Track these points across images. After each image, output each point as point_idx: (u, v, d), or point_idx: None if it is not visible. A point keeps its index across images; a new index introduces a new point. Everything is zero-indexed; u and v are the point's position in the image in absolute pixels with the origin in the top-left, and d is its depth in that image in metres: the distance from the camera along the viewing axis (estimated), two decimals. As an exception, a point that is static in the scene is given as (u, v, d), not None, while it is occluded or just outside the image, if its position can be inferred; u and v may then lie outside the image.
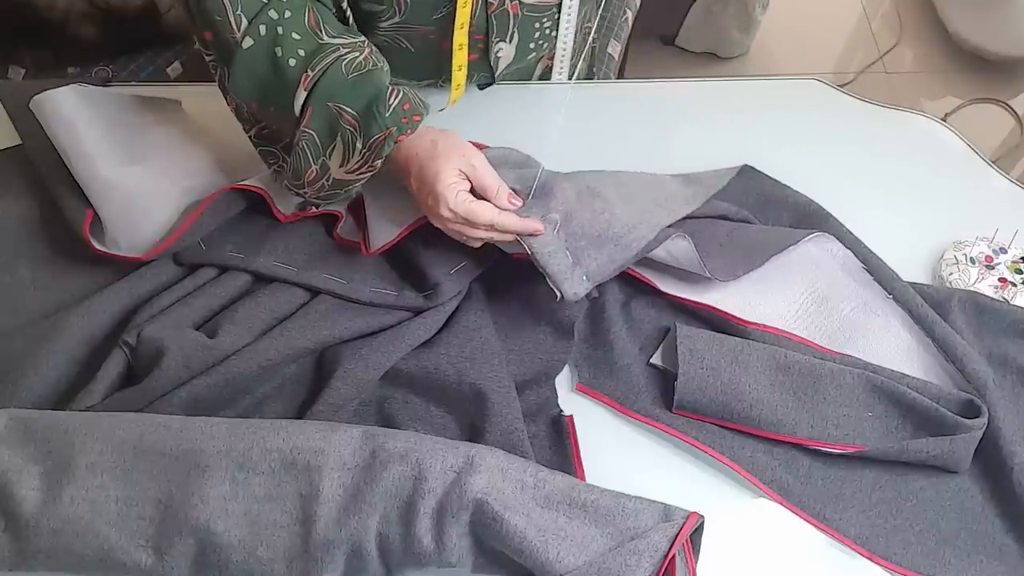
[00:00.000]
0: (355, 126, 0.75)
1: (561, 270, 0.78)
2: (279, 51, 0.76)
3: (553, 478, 0.68)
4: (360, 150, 0.76)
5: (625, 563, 0.63)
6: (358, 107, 0.75)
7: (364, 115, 0.75)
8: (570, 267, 0.79)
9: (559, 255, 0.79)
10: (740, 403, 0.78)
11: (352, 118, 0.75)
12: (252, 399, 0.78)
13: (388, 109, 0.75)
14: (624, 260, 0.81)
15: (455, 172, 0.76)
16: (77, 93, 0.87)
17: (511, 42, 0.94)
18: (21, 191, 0.90)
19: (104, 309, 0.80)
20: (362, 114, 0.75)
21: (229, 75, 0.78)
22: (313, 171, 0.79)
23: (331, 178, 0.79)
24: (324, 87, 0.75)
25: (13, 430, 0.67)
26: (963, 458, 0.78)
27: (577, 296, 0.78)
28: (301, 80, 0.75)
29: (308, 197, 0.83)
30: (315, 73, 0.75)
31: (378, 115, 0.75)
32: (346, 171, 0.78)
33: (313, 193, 0.81)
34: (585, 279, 0.79)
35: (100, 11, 1.37)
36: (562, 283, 0.78)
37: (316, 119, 0.76)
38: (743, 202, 0.95)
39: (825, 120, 1.07)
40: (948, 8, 2.24)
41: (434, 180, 0.76)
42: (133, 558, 0.64)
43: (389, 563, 0.66)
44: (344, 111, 0.75)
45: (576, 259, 0.79)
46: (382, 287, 0.83)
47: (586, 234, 0.80)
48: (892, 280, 0.88)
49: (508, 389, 0.78)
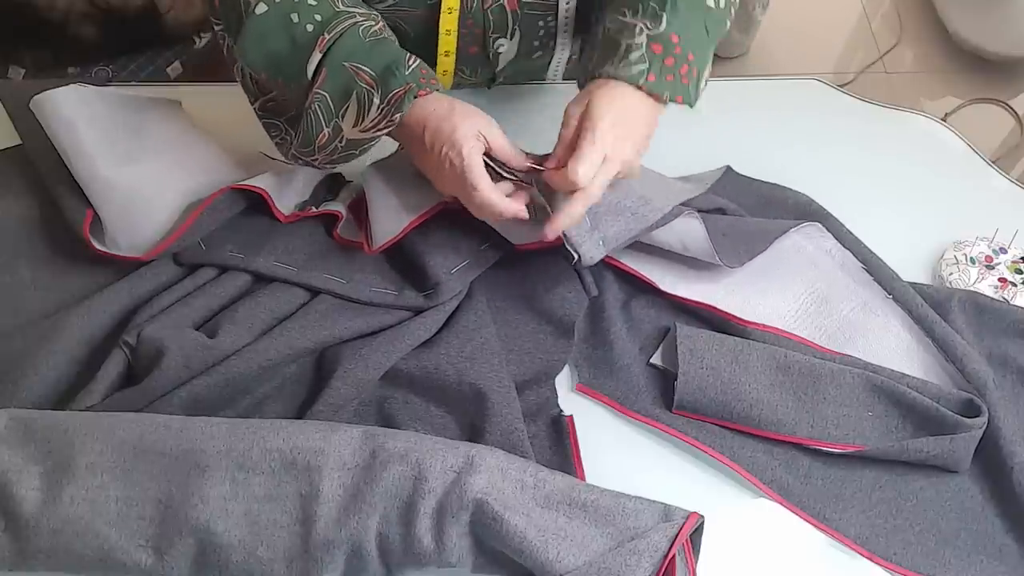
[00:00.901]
0: (372, 84, 0.75)
1: (580, 232, 0.79)
2: (295, 16, 0.76)
3: (553, 478, 0.68)
4: (378, 105, 0.76)
5: (625, 563, 0.63)
6: (376, 67, 0.75)
7: (383, 73, 0.75)
8: (588, 230, 0.79)
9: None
10: (740, 403, 0.78)
11: (369, 77, 0.75)
12: (252, 399, 0.78)
13: (408, 68, 0.76)
14: (639, 229, 0.81)
15: (474, 130, 0.76)
16: (77, 93, 0.87)
17: (512, 39, 0.94)
18: (21, 191, 0.90)
19: (104, 309, 0.80)
20: (380, 73, 0.75)
21: (237, 42, 0.78)
22: (325, 134, 0.78)
23: (344, 139, 0.78)
24: (341, 48, 0.75)
25: (13, 430, 0.67)
26: (963, 458, 0.78)
27: (593, 260, 0.79)
28: (317, 43, 0.75)
29: (318, 163, 0.82)
30: (331, 36, 0.75)
31: (397, 73, 0.75)
32: (360, 129, 0.77)
33: (324, 158, 0.81)
34: (601, 244, 0.79)
35: (100, 11, 1.37)
36: (580, 244, 0.78)
37: (330, 80, 0.76)
38: (743, 202, 0.95)
39: (825, 120, 1.07)
40: (948, 8, 2.24)
41: (452, 131, 0.76)
42: (133, 558, 0.64)
43: (389, 563, 0.66)
44: (361, 70, 0.75)
45: (594, 224, 0.80)
46: (382, 287, 0.83)
47: (605, 200, 0.80)
48: (892, 280, 0.88)
49: (508, 389, 0.78)
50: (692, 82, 0.80)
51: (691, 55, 0.79)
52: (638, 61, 0.78)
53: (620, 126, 0.77)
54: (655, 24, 0.78)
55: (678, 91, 0.79)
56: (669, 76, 0.78)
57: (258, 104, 0.84)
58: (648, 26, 0.79)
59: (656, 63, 0.78)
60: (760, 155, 0.99)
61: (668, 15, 0.78)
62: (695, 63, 0.79)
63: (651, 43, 0.78)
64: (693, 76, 0.80)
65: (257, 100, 0.84)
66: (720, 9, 0.82)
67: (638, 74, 0.78)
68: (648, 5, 0.79)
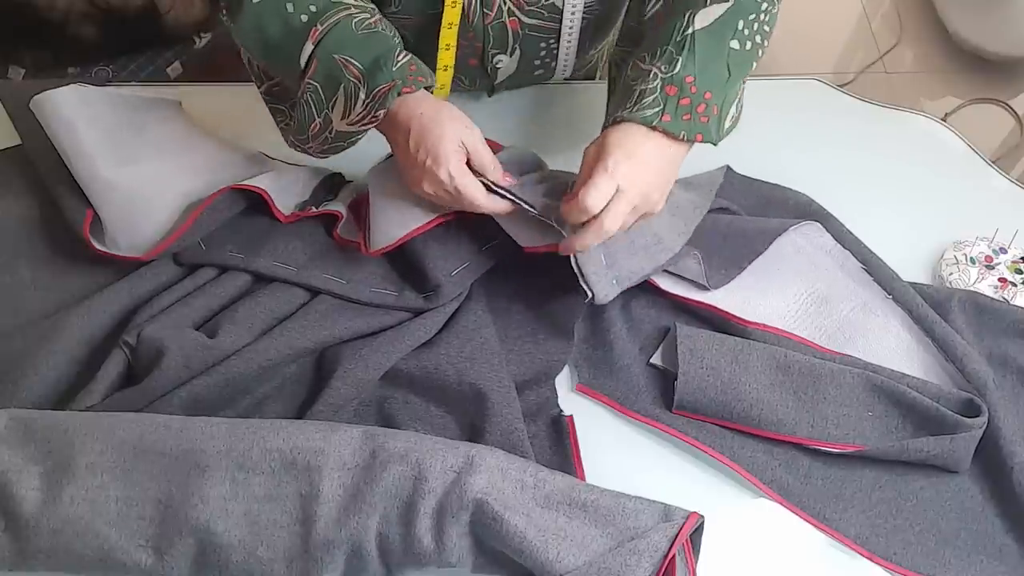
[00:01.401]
0: (359, 78, 0.76)
1: (596, 271, 0.79)
2: (290, 7, 0.76)
3: (553, 478, 0.68)
4: (363, 100, 0.76)
5: (625, 563, 0.63)
6: (365, 60, 0.76)
7: (370, 67, 0.75)
8: (604, 269, 0.80)
9: (596, 256, 0.80)
10: (740, 403, 0.78)
11: (357, 71, 0.75)
12: (252, 399, 0.78)
13: (395, 64, 0.76)
14: (651, 270, 0.83)
15: (457, 140, 0.77)
16: (77, 93, 0.87)
17: (512, 56, 0.94)
18: (21, 191, 0.90)
19: (104, 309, 0.80)
20: (368, 67, 0.75)
21: (236, 24, 0.79)
22: (317, 124, 0.79)
23: (333, 131, 0.79)
24: (332, 40, 0.76)
25: (13, 430, 0.67)
26: (963, 457, 0.78)
27: (608, 298, 0.80)
28: (310, 34, 0.76)
29: (312, 151, 0.83)
30: (324, 27, 0.76)
31: (384, 68, 0.75)
32: (348, 123, 0.78)
33: (317, 147, 0.82)
34: (615, 283, 0.80)
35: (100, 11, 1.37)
36: (595, 284, 0.79)
37: (320, 71, 0.76)
38: (743, 203, 0.95)
39: (825, 120, 1.07)
40: (948, 8, 2.24)
41: (437, 142, 0.76)
42: (133, 558, 0.64)
43: (389, 563, 0.66)
44: (350, 63, 0.76)
45: (610, 263, 0.81)
46: (382, 287, 0.83)
47: (620, 241, 0.81)
48: (892, 280, 0.88)
49: (508, 389, 0.78)
50: (712, 120, 0.79)
51: (708, 94, 0.78)
52: (652, 104, 0.78)
53: (634, 160, 0.76)
54: (669, 68, 0.78)
55: (696, 130, 0.78)
56: (686, 116, 0.78)
57: (264, 88, 0.85)
58: (662, 70, 0.79)
59: (671, 104, 0.78)
60: (760, 155, 0.99)
61: (683, 58, 0.78)
62: (713, 101, 0.79)
63: (665, 86, 0.78)
64: (713, 114, 0.79)
65: (263, 84, 0.85)
66: (746, 51, 0.81)
67: (652, 116, 0.77)
68: (666, 50, 0.79)
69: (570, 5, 0.89)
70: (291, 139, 0.83)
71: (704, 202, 0.90)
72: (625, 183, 0.75)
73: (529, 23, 0.91)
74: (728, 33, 0.80)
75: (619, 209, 0.75)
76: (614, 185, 0.75)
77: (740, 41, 0.81)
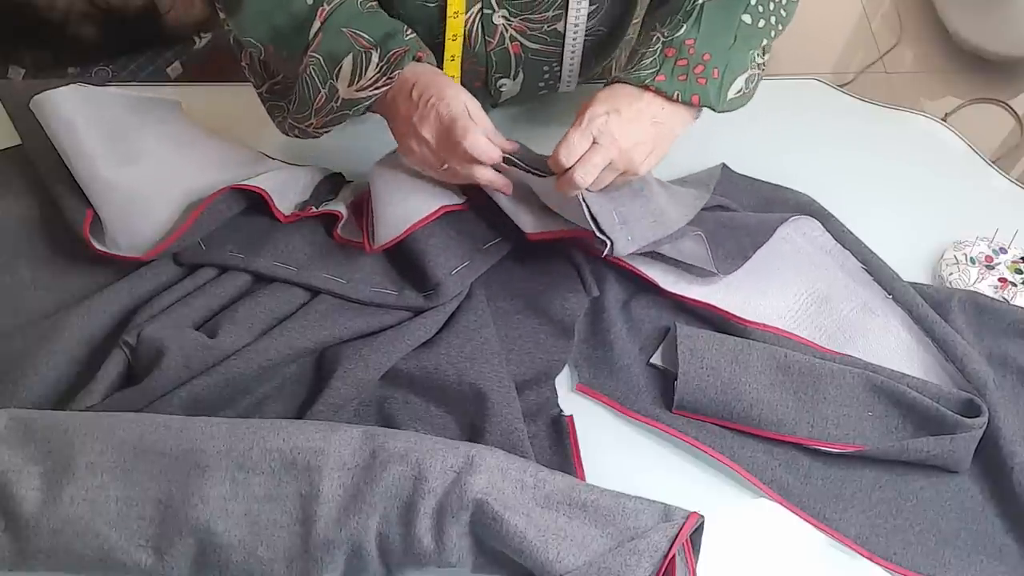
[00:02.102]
0: (369, 46, 0.77)
1: (612, 225, 0.79)
2: None
3: (553, 478, 0.68)
4: (376, 63, 0.76)
5: (625, 563, 0.63)
6: (375, 32, 0.77)
7: (382, 37, 0.77)
8: (619, 225, 0.79)
9: (609, 212, 0.80)
10: (740, 403, 0.78)
11: (367, 41, 0.77)
12: (252, 399, 0.78)
13: (406, 35, 0.77)
14: (660, 236, 0.82)
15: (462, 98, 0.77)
16: (77, 93, 0.87)
17: (515, 79, 0.94)
18: (21, 191, 0.90)
19: (104, 309, 0.80)
20: (380, 37, 0.77)
21: (237, 19, 0.79)
22: (322, 96, 0.79)
23: (339, 99, 0.79)
24: (339, 16, 0.77)
25: (13, 430, 0.67)
26: (963, 458, 0.78)
27: (624, 251, 0.79)
28: (317, 14, 0.77)
29: (312, 127, 0.83)
30: (331, 7, 0.77)
31: (395, 37, 0.77)
32: (357, 88, 0.78)
33: (319, 121, 0.82)
34: (630, 239, 0.80)
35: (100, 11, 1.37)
36: (613, 233, 0.78)
37: (325, 43, 0.77)
38: (744, 203, 0.95)
39: (825, 120, 1.07)
40: (948, 8, 2.24)
41: (443, 86, 0.77)
42: (133, 558, 0.64)
43: (389, 563, 0.66)
44: (359, 35, 0.77)
45: (622, 220, 0.80)
46: (382, 287, 0.83)
47: (628, 205, 0.81)
48: (892, 280, 0.88)
49: (508, 389, 0.78)
50: (712, 83, 0.79)
51: (707, 55, 0.78)
52: (649, 66, 0.78)
53: (618, 116, 0.76)
54: (672, 32, 0.79)
55: (692, 91, 0.78)
56: (682, 76, 0.78)
57: (265, 87, 0.85)
58: (664, 34, 0.79)
59: (667, 64, 0.78)
60: (760, 155, 0.99)
61: (688, 24, 0.79)
62: (713, 63, 0.79)
63: (665, 48, 0.78)
64: (713, 77, 0.79)
65: (264, 83, 0.85)
66: (758, 27, 0.82)
67: (646, 76, 0.78)
68: (674, 18, 0.80)
69: (572, 29, 0.89)
70: (289, 121, 0.83)
71: (703, 194, 0.90)
72: (605, 138, 0.75)
73: (531, 47, 0.91)
74: (740, 6, 0.81)
75: (592, 161, 0.75)
76: (588, 138, 0.75)
77: (753, 16, 0.81)
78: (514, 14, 0.87)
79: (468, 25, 0.87)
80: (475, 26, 0.87)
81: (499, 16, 0.87)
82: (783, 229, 0.89)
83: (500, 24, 0.87)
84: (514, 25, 0.87)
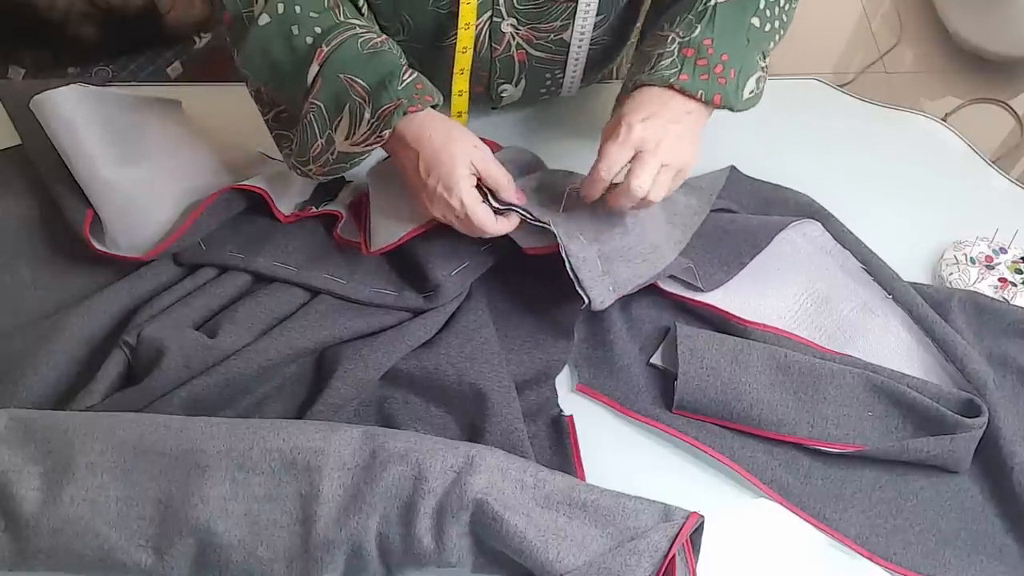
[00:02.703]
0: (365, 97, 0.75)
1: (592, 277, 0.79)
2: (295, 29, 0.76)
3: (553, 478, 0.68)
4: (368, 120, 0.75)
5: (625, 563, 0.63)
6: (370, 79, 0.75)
7: (375, 87, 0.75)
8: (600, 275, 0.80)
9: (591, 263, 0.80)
10: (740, 403, 0.78)
11: (363, 89, 0.75)
12: (252, 399, 0.78)
13: (401, 84, 0.75)
14: (648, 277, 0.82)
15: (467, 164, 0.76)
16: (77, 93, 0.87)
17: (517, 85, 0.95)
18: (21, 191, 0.90)
19: (104, 309, 0.80)
20: (373, 86, 0.75)
21: (241, 53, 0.78)
22: (319, 145, 0.78)
23: (335, 152, 0.78)
24: (337, 60, 0.75)
25: (13, 430, 0.67)
26: (963, 458, 0.78)
27: (603, 305, 0.79)
28: (315, 55, 0.75)
29: (313, 173, 0.82)
30: (329, 48, 0.75)
31: (390, 87, 0.75)
32: (351, 143, 0.77)
33: (318, 169, 0.81)
34: (612, 289, 0.80)
35: (100, 11, 1.36)
36: (591, 290, 0.78)
37: (325, 90, 0.75)
38: (744, 203, 0.95)
39: (825, 120, 1.07)
40: (948, 8, 2.24)
41: (450, 170, 0.75)
42: (133, 558, 0.64)
43: (389, 563, 0.66)
44: (355, 82, 0.75)
45: (607, 269, 0.80)
46: (382, 287, 0.83)
47: (617, 248, 0.82)
48: (892, 280, 0.88)
49: (508, 389, 0.78)
50: (730, 83, 0.80)
51: (725, 55, 0.79)
52: (670, 66, 0.79)
53: (656, 120, 0.77)
54: (688, 32, 0.79)
55: (714, 89, 0.79)
56: (704, 76, 0.78)
57: (271, 116, 0.84)
58: (680, 35, 0.79)
59: (688, 64, 0.78)
60: (760, 155, 0.99)
61: (703, 25, 0.79)
62: (731, 63, 0.79)
63: (683, 48, 0.79)
64: (731, 77, 0.79)
65: (270, 112, 0.84)
66: (765, 31, 0.83)
67: (670, 76, 0.78)
68: (686, 18, 0.80)
69: (577, 38, 0.90)
70: (292, 162, 0.82)
71: (704, 207, 0.90)
72: (649, 144, 0.76)
73: (536, 56, 0.91)
74: (750, 9, 0.81)
75: (646, 171, 0.75)
76: (629, 150, 0.75)
77: (761, 20, 0.82)
78: (523, 23, 0.87)
79: (476, 31, 0.86)
80: (483, 33, 0.87)
81: (507, 24, 0.87)
82: (783, 232, 0.89)
83: (508, 32, 0.87)
84: (521, 34, 0.88)
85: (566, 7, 0.86)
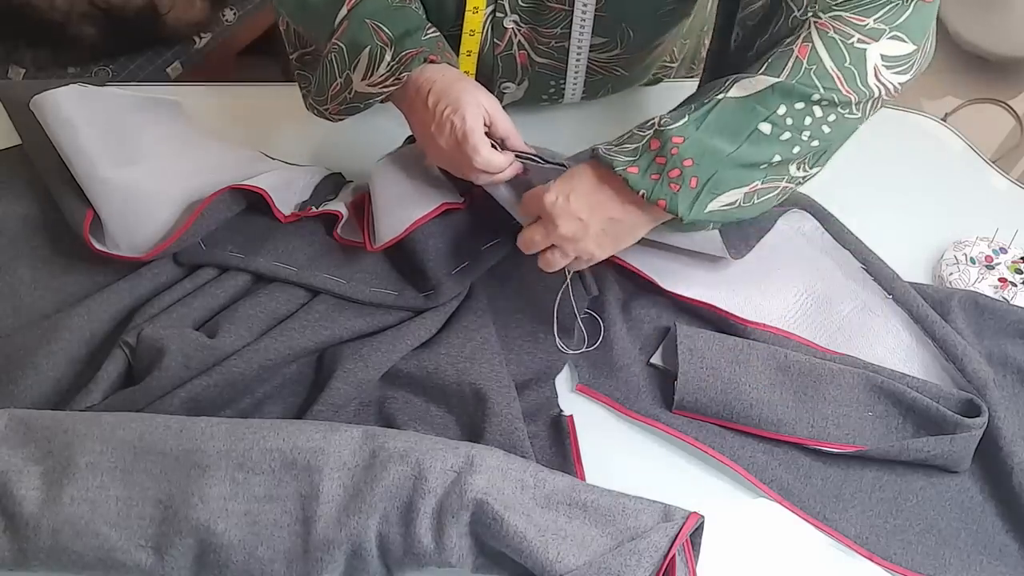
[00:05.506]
0: (387, 42, 0.77)
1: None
2: None
3: (553, 478, 0.68)
4: (388, 62, 0.77)
5: (625, 563, 0.63)
6: (395, 28, 0.77)
7: (400, 35, 0.77)
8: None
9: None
10: (740, 403, 0.78)
11: (386, 36, 0.77)
12: (252, 399, 0.78)
13: (425, 35, 0.78)
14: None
15: (478, 101, 0.75)
16: (77, 93, 0.87)
17: (519, 85, 0.95)
18: (21, 191, 0.90)
19: (104, 309, 0.80)
20: (398, 35, 0.77)
21: None
22: (337, 84, 0.80)
23: (352, 91, 0.80)
24: (366, 7, 0.78)
25: (13, 430, 0.67)
26: (963, 458, 0.78)
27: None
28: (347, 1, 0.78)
29: (330, 112, 0.84)
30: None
31: (415, 35, 0.77)
32: (368, 83, 0.79)
33: (335, 108, 0.83)
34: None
35: (100, 11, 1.37)
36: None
37: (348, 33, 0.78)
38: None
39: (825, 120, 1.07)
40: (948, 8, 2.24)
41: (460, 94, 0.74)
42: (133, 558, 0.64)
43: (389, 563, 0.66)
44: (380, 29, 0.77)
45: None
46: (382, 287, 0.83)
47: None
48: (892, 280, 0.88)
49: (508, 389, 0.78)
50: (684, 190, 0.70)
51: (688, 161, 0.70)
52: (631, 152, 0.72)
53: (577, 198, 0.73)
54: (673, 120, 0.71)
55: (661, 194, 0.70)
56: (655, 175, 0.70)
57: (296, 56, 0.87)
58: (662, 121, 0.72)
59: (646, 157, 0.71)
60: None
61: (691, 118, 0.71)
62: (692, 172, 0.70)
63: (653, 137, 0.71)
64: (690, 187, 0.70)
65: (296, 52, 0.87)
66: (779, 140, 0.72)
67: (622, 162, 0.71)
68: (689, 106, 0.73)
69: (575, 49, 0.90)
70: (310, 101, 0.85)
71: None
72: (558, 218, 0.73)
73: (539, 61, 0.91)
74: (762, 112, 0.71)
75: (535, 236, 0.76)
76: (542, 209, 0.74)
77: (774, 127, 0.71)
78: (524, 20, 0.87)
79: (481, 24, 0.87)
80: (486, 27, 0.87)
81: (510, 20, 0.87)
82: (784, 227, 0.89)
83: (510, 28, 0.88)
84: (523, 32, 0.88)
85: (562, 13, 0.86)
